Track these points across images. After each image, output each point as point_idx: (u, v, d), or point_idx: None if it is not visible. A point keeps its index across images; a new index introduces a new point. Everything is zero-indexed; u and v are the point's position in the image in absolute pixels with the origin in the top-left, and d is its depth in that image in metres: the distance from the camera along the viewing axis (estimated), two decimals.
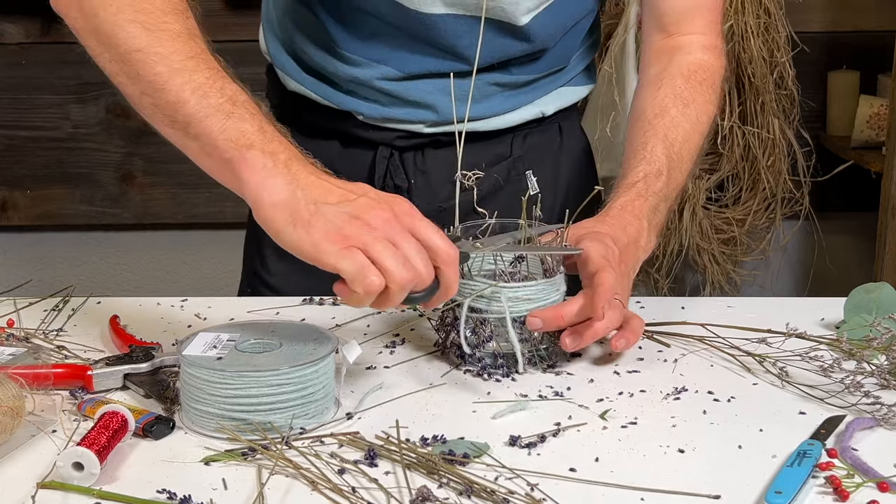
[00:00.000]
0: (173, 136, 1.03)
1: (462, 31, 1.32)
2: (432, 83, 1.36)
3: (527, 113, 1.42)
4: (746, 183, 2.79)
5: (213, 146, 1.00)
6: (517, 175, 1.43)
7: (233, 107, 1.01)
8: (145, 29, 1.03)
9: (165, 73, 1.01)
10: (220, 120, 1.00)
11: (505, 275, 1.15)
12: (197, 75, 1.01)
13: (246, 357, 1.03)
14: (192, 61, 1.02)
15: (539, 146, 1.44)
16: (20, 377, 1.00)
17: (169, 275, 2.96)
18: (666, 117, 1.30)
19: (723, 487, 0.91)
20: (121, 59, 1.04)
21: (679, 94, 1.33)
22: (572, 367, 1.16)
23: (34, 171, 2.85)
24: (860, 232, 2.94)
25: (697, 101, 1.33)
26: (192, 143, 1.02)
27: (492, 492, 0.89)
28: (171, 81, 1.01)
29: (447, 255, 1.00)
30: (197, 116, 1.00)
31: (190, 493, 0.89)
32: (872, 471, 0.92)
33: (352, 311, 1.31)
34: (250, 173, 0.98)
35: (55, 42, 2.77)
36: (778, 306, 1.37)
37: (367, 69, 1.36)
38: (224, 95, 1.01)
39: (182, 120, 1.01)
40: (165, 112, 1.02)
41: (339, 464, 0.95)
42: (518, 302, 1.13)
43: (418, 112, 1.38)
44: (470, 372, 1.14)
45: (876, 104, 2.71)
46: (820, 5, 2.86)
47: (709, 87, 1.35)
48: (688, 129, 1.31)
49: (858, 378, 1.07)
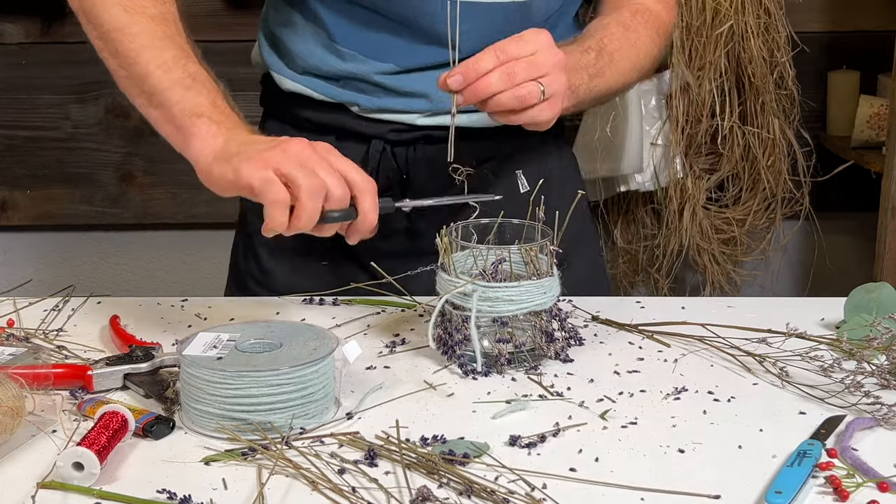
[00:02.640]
0: (141, 104, 1.18)
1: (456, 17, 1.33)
2: (429, 75, 1.37)
3: None
4: (746, 183, 2.79)
5: (171, 114, 1.14)
6: (507, 173, 1.44)
7: (192, 82, 1.15)
8: (125, 11, 1.18)
9: (137, 49, 1.17)
10: (179, 92, 1.14)
11: (486, 275, 1.15)
12: (164, 53, 1.16)
13: (246, 357, 1.03)
14: (161, 41, 1.17)
15: (528, 148, 1.45)
16: (20, 377, 1.00)
17: (169, 275, 2.95)
18: (605, 30, 1.34)
19: (723, 487, 0.91)
20: (103, 37, 1.20)
21: (621, 20, 1.37)
22: (572, 367, 1.16)
23: (34, 171, 2.85)
24: (860, 232, 2.94)
25: (639, 31, 1.37)
26: (154, 111, 1.16)
27: (492, 492, 0.89)
28: (141, 56, 1.16)
29: (362, 183, 1.10)
30: (159, 87, 1.15)
31: (190, 493, 0.89)
32: (872, 471, 0.92)
33: (352, 311, 1.31)
34: (196, 138, 1.12)
35: (55, 42, 2.77)
36: (778, 306, 1.37)
37: (363, 64, 1.37)
38: (186, 72, 1.15)
39: (148, 90, 1.16)
40: (136, 83, 1.17)
41: (339, 464, 0.95)
42: (499, 303, 1.13)
43: (413, 102, 1.39)
44: (449, 368, 1.15)
45: (876, 104, 2.71)
46: (820, 5, 2.85)
47: (653, 27, 1.39)
48: (624, 44, 1.33)
49: (858, 378, 1.07)
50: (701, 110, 2.68)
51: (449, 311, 1.15)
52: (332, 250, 1.42)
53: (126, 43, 1.18)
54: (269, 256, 1.47)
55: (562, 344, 1.18)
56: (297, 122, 1.42)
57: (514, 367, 1.15)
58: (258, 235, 1.45)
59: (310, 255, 1.44)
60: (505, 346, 1.14)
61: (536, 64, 1.17)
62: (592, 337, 1.24)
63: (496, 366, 1.14)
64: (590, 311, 1.31)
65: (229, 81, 1.33)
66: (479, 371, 1.13)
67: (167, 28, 1.19)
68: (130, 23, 1.18)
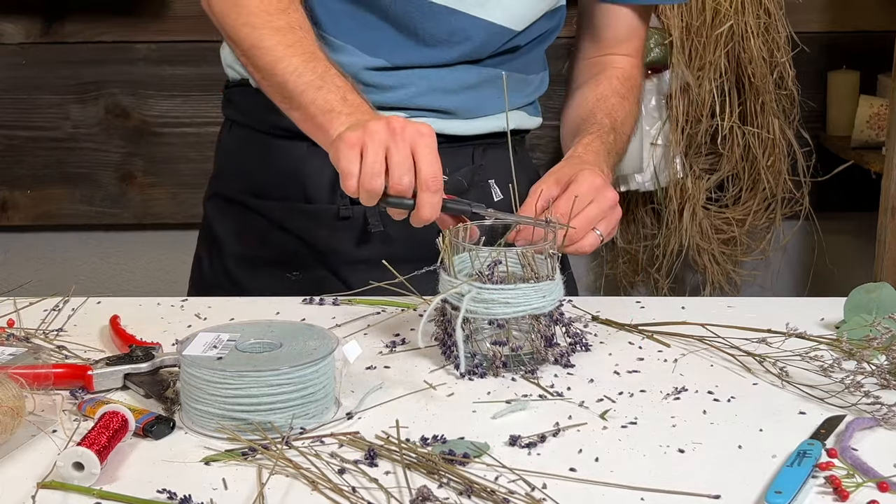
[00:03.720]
0: (286, 109, 1.29)
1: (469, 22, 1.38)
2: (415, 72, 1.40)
3: (489, 124, 1.46)
4: (746, 183, 2.79)
5: (309, 114, 1.24)
6: (480, 181, 1.47)
7: (322, 82, 1.24)
8: (254, 28, 1.29)
9: (272, 62, 1.27)
10: (312, 93, 1.24)
11: (483, 276, 1.15)
12: (294, 59, 1.26)
13: (246, 357, 1.03)
14: (289, 49, 1.27)
15: (499, 159, 1.46)
16: (20, 377, 1.00)
17: (169, 275, 2.95)
18: (607, 102, 1.47)
19: (723, 487, 0.91)
20: (245, 55, 1.32)
21: (616, 90, 1.49)
22: (572, 367, 1.16)
23: (34, 171, 2.85)
24: (860, 232, 2.94)
25: (630, 100, 1.50)
26: (295, 113, 1.27)
27: (492, 492, 0.89)
28: (276, 67, 1.27)
29: (425, 178, 1.14)
30: (296, 92, 1.25)
31: (190, 493, 0.89)
32: (872, 471, 0.92)
33: (352, 311, 1.31)
34: (333, 131, 1.21)
35: (55, 42, 2.77)
36: (778, 306, 1.37)
37: (353, 56, 1.39)
38: (315, 73, 1.25)
39: (287, 96, 1.27)
40: (276, 90, 1.28)
41: (339, 464, 0.95)
42: (494, 305, 1.13)
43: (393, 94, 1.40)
44: (448, 368, 1.15)
45: (876, 104, 2.71)
46: (820, 5, 2.85)
47: (635, 97, 1.52)
48: (625, 114, 1.47)
49: (858, 378, 1.07)
50: (701, 110, 2.68)
51: (449, 311, 1.15)
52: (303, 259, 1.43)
53: (261, 57, 1.28)
54: (236, 266, 1.48)
55: (564, 349, 1.17)
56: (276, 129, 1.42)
57: (511, 371, 1.14)
58: (227, 244, 1.47)
59: (280, 265, 1.45)
60: (501, 349, 1.14)
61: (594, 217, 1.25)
62: (592, 337, 1.24)
63: (492, 368, 1.14)
64: (590, 311, 1.31)
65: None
66: (462, 373, 1.13)
67: (293, 36, 1.28)
68: (261, 38, 1.28)
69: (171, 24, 2.75)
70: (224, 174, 1.53)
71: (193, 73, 2.78)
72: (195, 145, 2.82)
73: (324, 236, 1.43)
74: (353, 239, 1.43)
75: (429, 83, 1.40)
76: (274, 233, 1.45)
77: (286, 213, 1.45)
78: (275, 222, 1.45)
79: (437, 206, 1.15)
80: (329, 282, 1.42)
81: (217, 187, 1.53)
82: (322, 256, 1.44)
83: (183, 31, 2.75)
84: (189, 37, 2.75)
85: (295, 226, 1.44)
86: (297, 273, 1.44)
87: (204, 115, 2.80)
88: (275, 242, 1.46)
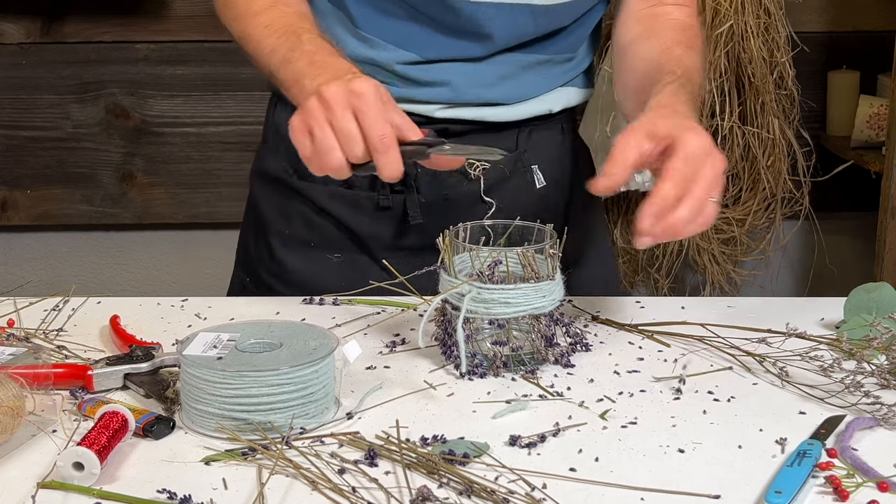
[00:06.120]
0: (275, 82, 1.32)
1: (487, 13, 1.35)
2: (451, 66, 1.39)
3: (535, 108, 1.43)
4: (746, 183, 2.79)
5: (285, 87, 1.28)
6: (523, 168, 1.44)
7: (291, 54, 1.27)
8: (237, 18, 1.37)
9: (255, 46, 1.34)
10: (284, 67, 1.28)
11: (483, 276, 1.15)
12: (270, 39, 1.31)
13: (246, 357, 1.03)
14: (266, 29, 1.32)
15: (544, 143, 1.45)
16: (20, 377, 1.00)
17: (169, 275, 2.96)
18: (672, 53, 1.34)
19: (723, 487, 0.91)
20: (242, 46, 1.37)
21: (678, 40, 1.37)
22: (572, 367, 1.16)
23: (34, 171, 2.85)
24: (860, 232, 2.94)
25: (696, 50, 1.37)
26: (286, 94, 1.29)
27: (492, 492, 0.89)
28: (259, 50, 1.33)
29: (373, 142, 1.14)
30: (274, 69, 1.30)
31: (190, 493, 0.89)
32: (872, 471, 0.93)
33: (352, 311, 1.31)
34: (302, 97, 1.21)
35: (55, 42, 2.77)
36: (778, 306, 1.37)
37: (385, 51, 1.38)
38: (286, 48, 1.28)
39: (271, 73, 1.31)
40: (265, 70, 1.33)
41: (339, 464, 0.95)
42: (494, 305, 1.13)
43: (434, 91, 1.39)
44: (448, 368, 1.15)
45: (876, 104, 2.71)
46: (820, 5, 2.85)
47: (699, 48, 1.39)
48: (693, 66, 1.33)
49: (858, 378, 1.07)
50: (701, 110, 2.68)
51: (449, 311, 1.16)
52: (344, 243, 1.43)
53: (246, 44, 1.36)
54: (280, 246, 1.47)
55: (564, 349, 1.17)
56: None
57: (511, 371, 1.14)
58: (271, 224, 1.46)
59: (322, 247, 1.44)
60: (501, 349, 1.14)
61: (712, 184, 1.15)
62: (592, 337, 1.24)
63: (492, 368, 1.14)
64: (590, 311, 1.31)
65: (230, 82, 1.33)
66: (463, 373, 1.13)
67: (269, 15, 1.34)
68: (245, 27, 1.36)
69: (171, 24, 2.76)
70: (271, 151, 1.52)
71: (193, 73, 2.78)
72: (195, 145, 2.82)
73: (365, 223, 1.43)
74: (392, 228, 1.43)
75: (467, 78, 1.38)
76: (316, 216, 1.45)
77: (328, 198, 1.44)
78: (317, 205, 1.45)
79: (396, 161, 1.14)
80: (370, 267, 1.42)
81: (263, 163, 1.53)
82: (363, 242, 1.44)
83: (183, 31, 2.75)
84: (189, 37, 2.75)
85: (337, 211, 1.44)
86: (338, 255, 1.45)
87: (204, 115, 2.80)
88: (316, 225, 1.45)
